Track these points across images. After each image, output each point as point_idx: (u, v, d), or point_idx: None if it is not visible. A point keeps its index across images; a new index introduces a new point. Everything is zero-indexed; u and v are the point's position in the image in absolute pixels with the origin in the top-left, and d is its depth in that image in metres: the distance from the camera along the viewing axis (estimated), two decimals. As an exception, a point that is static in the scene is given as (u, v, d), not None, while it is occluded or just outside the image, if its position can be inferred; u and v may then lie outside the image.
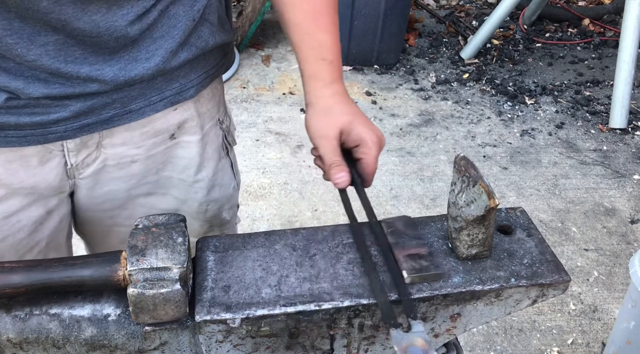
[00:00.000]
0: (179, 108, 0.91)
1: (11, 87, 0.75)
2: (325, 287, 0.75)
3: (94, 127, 0.84)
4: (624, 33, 3.14)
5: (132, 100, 0.85)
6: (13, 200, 0.86)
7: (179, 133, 0.94)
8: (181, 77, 0.89)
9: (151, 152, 0.93)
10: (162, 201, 0.99)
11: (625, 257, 2.41)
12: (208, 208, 1.03)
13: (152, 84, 0.85)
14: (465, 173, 0.74)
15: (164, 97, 0.88)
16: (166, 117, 0.91)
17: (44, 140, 0.82)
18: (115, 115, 0.85)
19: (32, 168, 0.84)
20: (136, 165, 0.93)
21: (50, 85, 0.77)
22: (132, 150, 0.91)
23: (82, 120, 0.82)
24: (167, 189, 0.99)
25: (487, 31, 3.74)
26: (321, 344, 0.77)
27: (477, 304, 0.78)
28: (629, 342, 1.69)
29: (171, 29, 0.82)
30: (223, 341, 0.73)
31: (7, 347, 0.71)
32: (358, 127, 0.89)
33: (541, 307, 2.17)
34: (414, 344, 0.67)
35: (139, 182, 0.95)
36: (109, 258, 0.72)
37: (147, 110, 0.87)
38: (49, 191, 0.89)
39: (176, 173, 0.98)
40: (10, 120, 0.77)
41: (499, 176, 2.86)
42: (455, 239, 0.79)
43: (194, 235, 1.01)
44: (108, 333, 0.72)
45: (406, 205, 2.64)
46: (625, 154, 3.05)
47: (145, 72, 0.82)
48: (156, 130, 0.91)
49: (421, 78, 3.65)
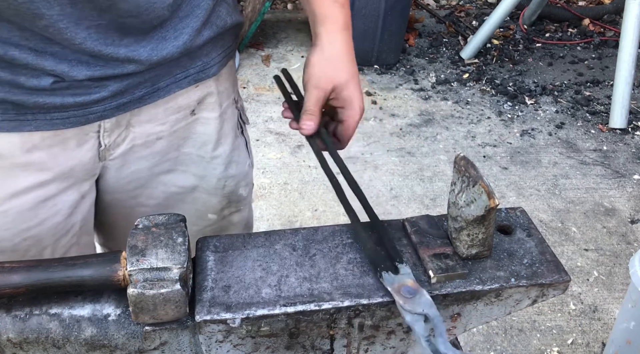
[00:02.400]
0: (200, 86, 0.96)
1: (57, 70, 0.78)
2: (325, 287, 0.75)
3: (128, 106, 0.89)
4: (624, 33, 3.14)
5: (160, 78, 0.89)
6: (53, 185, 0.89)
7: (199, 109, 0.98)
8: (204, 56, 0.93)
9: (174, 127, 0.97)
10: (181, 179, 1.03)
11: (625, 257, 2.41)
12: (226, 184, 1.07)
13: (178, 63, 0.90)
14: (465, 173, 0.74)
15: (188, 75, 0.93)
16: (188, 94, 0.95)
17: (84, 121, 0.86)
18: (146, 94, 0.89)
19: (70, 151, 0.88)
20: (160, 142, 0.97)
21: (92, 67, 0.81)
22: (158, 127, 0.95)
23: (118, 100, 0.87)
24: (186, 166, 1.02)
25: (487, 31, 3.74)
26: (321, 344, 0.77)
27: (477, 304, 0.78)
28: (629, 342, 1.69)
29: (195, 9, 0.87)
30: (223, 341, 0.73)
31: (7, 347, 0.71)
32: (351, 90, 0.92)
33: (541, 307, 2.17)
34: (405, 285, 0.73)
35: (161, 159, 0.99)
36: (109, 258, 0.72)
37: (173, 87, 0.92)
38: (84, 174, 0.92)
39: (195, 149, 1.01)
40: (56, 101, 0.81)
41: (499, 176, 2.86)
42: (455, 239, 0.79)
43: (213, 211, 1.08)
44: (108, 333, 0.72)
45: (406, 205, 2.64)
46: (625, 154, 3.05)
47: (175, 51, 0.86)
48: (179, 106, 0.95)
49: (421, 78, 3.65)
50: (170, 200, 1.05)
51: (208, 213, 1.09)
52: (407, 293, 0.72)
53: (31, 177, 0.86)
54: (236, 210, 1.13)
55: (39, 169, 0.86)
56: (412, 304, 0.70)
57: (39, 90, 0.79)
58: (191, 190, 1.05)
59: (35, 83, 0.78)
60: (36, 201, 0.88)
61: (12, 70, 0.76)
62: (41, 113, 0.82)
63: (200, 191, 1.06)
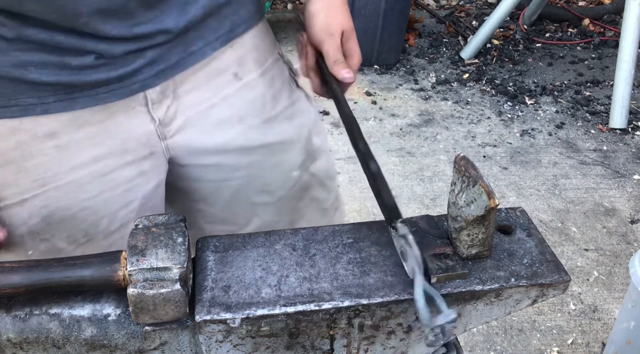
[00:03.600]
0: (234, 45, 0.97)
1: (97, 49, 0.83)
2: (325, 287, 0.75)
3: (166, 73, 0.92)
4: (624, 33, 3.14)
5: (192, 42, 0.92)
6: (109, 160, 0.93)
7: (242, 71, 0.99)
8: (230, 14, 0.95)
9: (223, 93, 0.99)
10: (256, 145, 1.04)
11: (625, 257, 2.41)
12: (300, 135, 1.09)
13: (205, 24, 0.92)
14: (465, 173, 0.74)
15: (219, 36, 0.95)
16: (224, 55, 0.97)
17: (129, 92, 0.90)
18: (180, 59, 0.92)
19: (120, 125, 0.92)
20: (214, 111, 0.99)
21: (127, 44, 0.85)
22: (204, 93, 0.97)
23: (155, 67, 0.90)
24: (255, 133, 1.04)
25: (487, 31, 3.75)
26: (321, 344, 0.77)
27: (477, 304, 0.78)
28: (629, 342, 1.69)
29: None
30: (223, 341, 0.73)
31: (7, 347, 0.71)
32: (353, 38, 0.98)
33: (541, 307, 2.17)
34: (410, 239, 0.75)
35: (229, 137, 1.01)
36: (109, 258, 0.72)
37: (206, 49, 0.94)
38: (141, 150, 0.95)
39: (258, 118, 1.03)
40: (100, 77, 0.86)
41: (499, 176, 2.86)
42: (455, 239, 0.79)
43: (295, 167, 1.10)
44: (108, 333, 0.72)
45: (406, 205, 2.64)
46: (625, 154, 3.05)
47: (198, 12, 0.89)
48: (218, 69, 0.97)
49: (421, 79, 3.65)
50: (252, 169, 1.07)
51: (292, 171, 1.11)
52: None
53: (86, 152, 0.90)
54: (314, 161, 1.15)
55: (93, 144, 0.90)
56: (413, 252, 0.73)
57: (84, 68, 0.84)
58: (268, 152, 1.07)
59: (80, 62, 0.83)
60: (94, 176, 0.92)
61: (60, 53, 0.81)
62: (87, 90, 0.86)
63: (277, 151, 1.08)
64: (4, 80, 0.81)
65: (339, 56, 0.95)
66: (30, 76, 0.81)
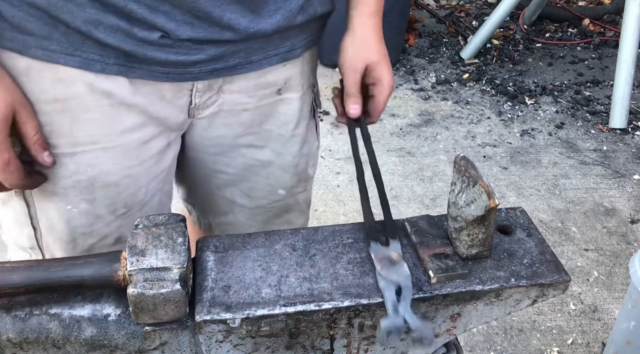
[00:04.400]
0: (287, 65, 1.03)
1: (166, 27, 0.86)
2: (325, 287, 0.75)
3: (221, 72, 0.96)
4: (624, 33, 3.14)
5: (254, 51, 0.96)
6: (149, 128, 0.97)
7: (285, 89, 1.05)
8: (293, 37, 1.00)
9: (260, 102, 1.04)
10: (260, 153, 1.11)
11: (625, 257, 2.41)
12: (299, 162, 1.15)
13: (270, 40, 0.97)
14: (465, 173, 0.74)
15: (278, 53, 1.00)
16: (277, 71, 1.02)
17: (180, 79, 0.93)
18: (239, 64, 0.96)
19: (166, 102, 0.96)
20: (246, 114, 1.04)
21: (195, 28, 0.88)
22: (245, 98, 1.02)
23: (213, 65, 0.94)
24: (266, 142, 1.10)
25: (487, 31, 3.75)
26: (321, 344, 0.77)
27: (477, 304, 0.78)
28: (629, 342, 1.69)
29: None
30: (223, 341, 0.73)
31: (7, 347, 0.71)
32: (382, 67, 1.04)
33: (541, 307, 2.17)
34: (389, 256, 0.78)
35: (245, 132, 1.07)
36: (109, 258, 0.72)
37: (263, 62, 0.99)
38: (174, 125, 1.01)
39: (276, 127, 1.08)
40: (160, 57, 0.89)
41: (499, 176, 2.86)
42: (455, 239, 0.79)
43: (284, 186, 1.16)
44: (108, 333, 0.72)
45: (406, 205, 2.64)
46: (625, 154, 3.05)
47: (269, 27, 0.93)
48: (268, 83, 1.02)
49: (421, 78, 3.65)
50: (246, 172, 1.12)
51: (279, 189, 1.16)
52: (388, 261, 0.77)
53: (135, 117, 0.94)
54: (303, 190, 1.21)
55: (140, 111, 0.94)
56: (388, 271, 0.76)
57: (148, 43, 0.87)
58: (267, 164, 1.12)
59: (146, 35, 0.86)
60: (139, 142, 0.97)
61: (129, 21, 0.84)
62: (145, 65, 0.89)
63: (275, 167, 1.13)
64: (75, 31, 0.83)
65: (354, 91, 1.03)
66: (97, 35, 0.84)
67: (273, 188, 1.16)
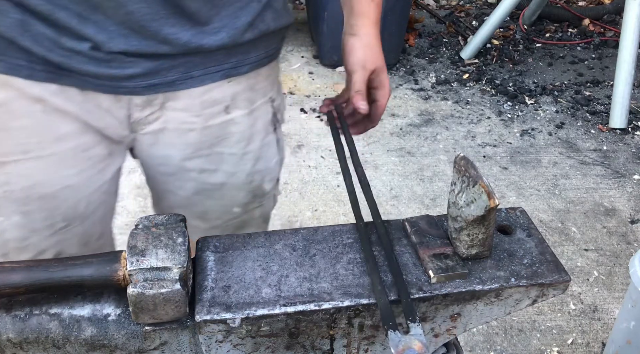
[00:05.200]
0: (232, 82, 0.99)
1: (96, 38, 0.82)
2: (325, 287, 0.75)
3: (159, 88, 0.92)
4: (624, 33, 3.14)
5: (194, 66, 0.92)
6: (87, 136, 0.93)
7: (233, 106, 1.01)
8: (240, 53, 0.96)
9: (207, 123, 1.00)
10: (212, 177, 1.07)
11: (625, 257, 2.41)
12: (253, 179, 1.12)
13: (213, 55, 0.93)
14: (465, 173, 0.74)
15: (222, 69, 0.95)
16: (222, 88, 0.98)
17: (114, 92, 0.89)
18: (178, 79, 0.92)
19: (104, 111, 0.92)
20: (192, 134, 1.00)
21: (128, 41, 0.83)
22: (191, 117, 0.98)
23: (149, 80, 0.89)
24: (218, 165, 1.06)
25: (487, 31, 3.74)
26: (321, 344, 0.77)
27: (477, 304, 0.78)
28: (629, 342, 1.69)
29: (239, 11, 0.90)
30: (223, 341, 0.73)
31: (7, 347, 0.71)
32: (384, 73, 1.08)
33: (541, 307, 2.17)
34: (411, 347, 0.67)
35: (193, 154, 1.03)
36: (109, 258, 0.72)
37: (205, 78, 0.95)
38: (115, 136, 0.97)
39: (227, 148, 1.05)
40: (90, 69, 0.85)
41: (499, 176, 2.86)
42: (455, 239, 0.79)
43: (238, 204, 1.13)
44: (108, 333, 0.72)
45: (406, 205, 2.64)
46: (625, 154, 3.05)
47: (212, 44, 0.89)
48: (213, 100, 0.98)
49: (421, 78, 3.65)
50: (198, 196, 1.09)
51: (233, 207, 1.14)
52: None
53: (70, 125, 0.90)
54: (259, 205, 1.18)
55: (75, 119, 0.90)
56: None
57: (76, 53, 0.82)
58: (220, 186, 1.09)
59: (74, 45, 0.81)
60: (76, 150, 0.93)
61: (56, 30, 0.80)
62: (77, 74, 0.85)
63: (229, 188, 1.10)
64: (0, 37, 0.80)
65: (363, 88, 1.04)
66: (24, 43, 0.80)
67: (227, 207, 1.13)
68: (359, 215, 0.87)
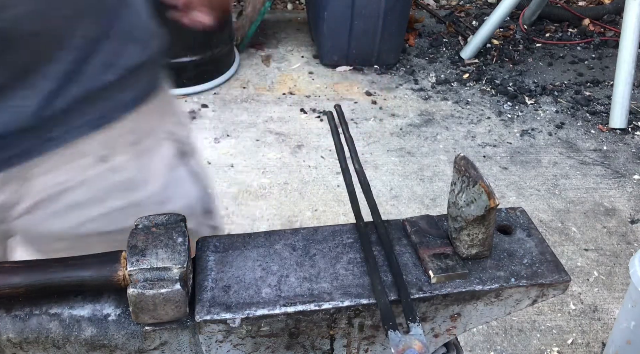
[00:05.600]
0: (104, 131, 0.85)
1: None
2: (325, 287, 0.75)
3: (13, 161, 0.79)
4: (624, 33, 3.14)
5: (50, 129, 0.79)
6: None
7: (110, 154, 0.87)
8: (105, 100, 0.83)
9: (83, 176, 0.86)
10: (118, 236, 0.88)
11: (625, 257, 2.41)
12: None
13: (69, 112, 0.79)
14: (465, 173, 0.74)
15: (85, 122, 0.82)
16: (89, 139, 0.84)
17: None
18: (33, 146, 0.79)
19: None
20: (72, 195, 0.86)
21: None
22: (60, 176, 0.84)
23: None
24: (119, 223, 0.90)
25: (487, 31, 3.75)
26: (321, 344, 0.77)
27: (477, 304, 0.78)
28: (629, 342, 1.69)
29: (46, 69, 0.75)
30: (223, 341, 0.73)
31: (7, 347, 0.71)
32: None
33: (541, 307, 2.17)
34: (411, 347, 0.67)
35: (87, 219, 0.90)
36: (109, 258, 0.72)
37: (67, 137, 0.81)
38: None
39: (122, 200, 0.91)
40: None
41: (499, 176, 2.86)
42: (455, 239, 0.79)
43: None
44: (108, 333, 0.72)
45: (406, 205, 2.64)
46: (625, 154, 3.05)
47: (61, 104, 0.76)
48: (79, 152, 0.84)
49: (421, 78, 3.65)
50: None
51: None
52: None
53: None
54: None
55: None
56: None
57: None
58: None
59: None
60: None
61: None
62: None
63: None
64: None
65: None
66: None
67: None
68: (359, 215, 0.86)
